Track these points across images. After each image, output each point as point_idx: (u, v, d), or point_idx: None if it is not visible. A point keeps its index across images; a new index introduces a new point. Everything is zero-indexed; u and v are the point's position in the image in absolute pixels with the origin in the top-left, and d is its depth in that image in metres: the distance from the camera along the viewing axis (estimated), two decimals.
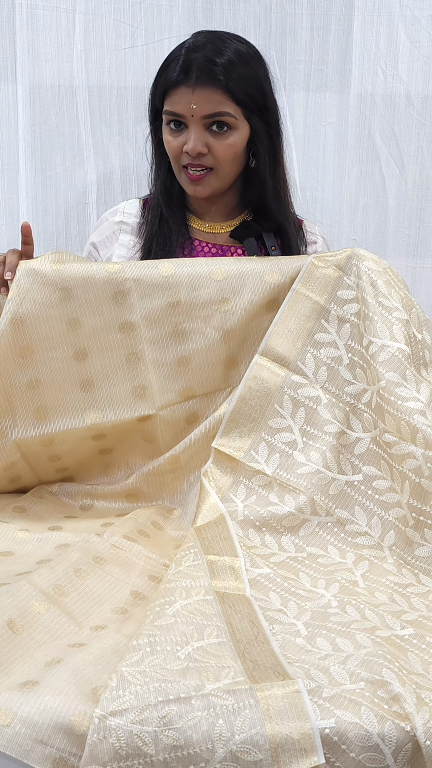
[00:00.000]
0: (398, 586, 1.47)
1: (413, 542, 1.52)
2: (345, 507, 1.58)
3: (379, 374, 1.57)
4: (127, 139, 2.12)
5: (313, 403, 1.63)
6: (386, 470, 1.57)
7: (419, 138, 2.18)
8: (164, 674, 1.14)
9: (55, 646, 1.25)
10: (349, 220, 2.23)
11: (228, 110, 1.69)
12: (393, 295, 1.63)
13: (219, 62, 1.68)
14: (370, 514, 1.57)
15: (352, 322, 1.64)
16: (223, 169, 1.74)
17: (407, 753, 1.09)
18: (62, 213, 2.14)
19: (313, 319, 1.66)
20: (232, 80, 1.68)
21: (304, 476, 1.59)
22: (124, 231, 1.83)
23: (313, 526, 1.57)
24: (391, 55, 2.13)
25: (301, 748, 1.06)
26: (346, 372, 1.64)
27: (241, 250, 1.82)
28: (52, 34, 2.05)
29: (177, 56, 1.71)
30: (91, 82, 2.08)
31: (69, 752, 1.08)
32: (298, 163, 2.17)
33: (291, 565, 1.51)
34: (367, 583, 1.47)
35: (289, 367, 1.65)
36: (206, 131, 1.71)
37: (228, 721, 1.07)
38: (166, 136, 1.74)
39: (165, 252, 1.79)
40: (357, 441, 1.61)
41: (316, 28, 2.11)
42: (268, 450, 1.62)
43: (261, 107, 1.75)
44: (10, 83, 2.07)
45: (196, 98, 1.68)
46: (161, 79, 1.73)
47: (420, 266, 2.27)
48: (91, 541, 1.52)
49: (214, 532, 1.53)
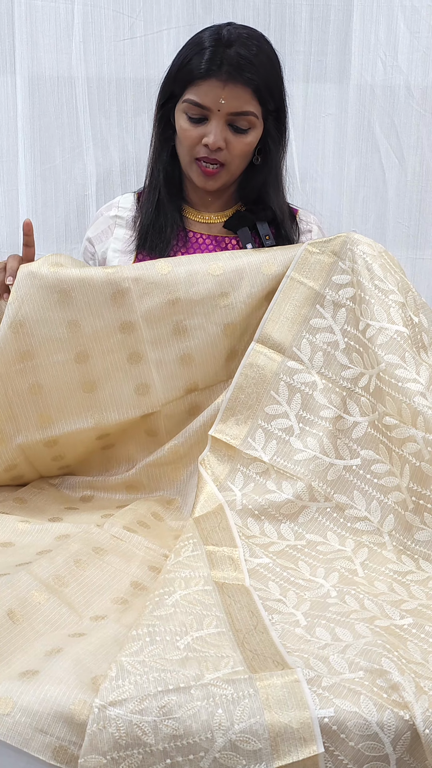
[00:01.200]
0: (398, 574, 1.47)
1: (413, 526, 1.52)
2: (344, 492, 1.58)
3: (379, 357, 1.57)
4: (126, 131, 2.12)
5: (309, 388, 1.64)
6: (385, 454, 1.57)
7: (419, 129, 2.18)
8: (164, 664, 1.14)
9: (55, 636, 1.25)
10: (349, 211, 2.23)
11: (253, 109, 1.70)
12: (389, 279, 1.63)
13: (251, 61, 1.67)
14: (369, 498, 1.57)
15: (348, 307, 1.64)
16: (235, 164, 1.75)
17: (406, 741, 1.09)
18: (62, 205, 2.14)
19: (309, 304, 1.66)
20: (260, 79, 1.69)
21: (301, 462, 1.59)
22: (119, 225, 1.83)
23: (312, 512, 1.57)
24: (390, 45, 2.13)
25: (300, 737, 1.07)
26: (342, 357, 1.64)
27: (235, 240, 1.82)
28: (51, 26, 2.04)
29: (205, 47, 1.68)
30: (90, 74, 2.08)
31: (69, 741, 1.08)
32: (298, 155, 2.17)
33: (290, 553, 1.51)
34: (366, 571, 1.48)
35: (284, 353, 1.65)
36: (227, 127, 1.70)
37: (227, 711, 1.07)
38: (184, 123, 1.73)
39: (160, 240, 1.78)
40: (354, 425, 1.61)
41: (316, 19, 2.11)
42: (264, 437, 1.62)
43: (277, 107, 1.76)
44: (9, 75, 2.07)
45: (225, 93, 1.67)
46: (186, 66, 1.70)
47: (420, 257, 2.27)
48: (91, 532, 1.53)
49: (213, 523, 1.53)
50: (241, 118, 1.70)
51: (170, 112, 1.76)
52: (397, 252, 2.23)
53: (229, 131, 1.71)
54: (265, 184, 1.81)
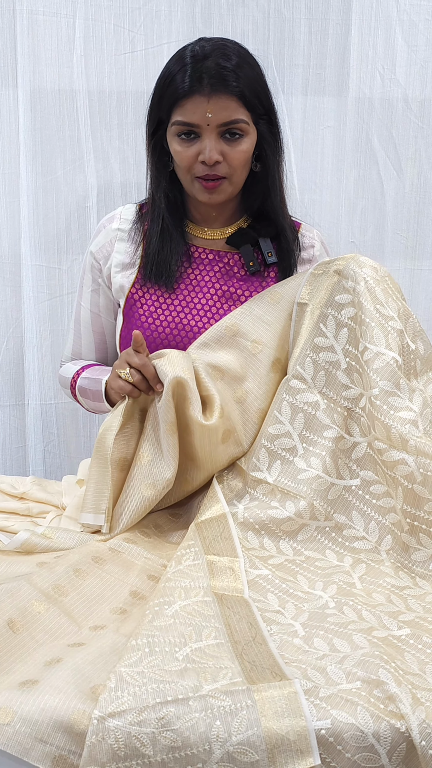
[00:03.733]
0: (395, 588, 1.48)
1: (409, 547, 1.53)
2: (343, 512, 1.59)
3: (372, 381, 1.56)
4: (127, 144, 2.12)
5: (312, 408, 1.64)
6: (382, 475, 1.57)
7: (417, 141, 2.19)
8: (162, 675, 1.15)
9: (55, 646, 1.26)
10: (347, 223, 2.23)
11: (242, 117, 1.68)
12: (390, 304, 1.63)
13: (231, 68, 1.65)
14: (367, 518, 1.57)
15: (350, 326, 1.64)
16: (236, 175, 1.73)
17: (401, 753, 1.10)
18: (63, 217, 2.14)
19: (313, 323, 1.67)
20: (244, 86, 1.66)
21: (304, 482, 1.59)
22: (120, 239, 1.82)
23: (311, 530, 1.58)
24: (388, 59, 2.13)
25: (297, 749, 1.07)
26: (343, 376, 1.64)
27: (237, 255, 1.81)
28: (52, 40, 2.05)
29: (183, 66, 1.66)
30: (91, 87, 2.09)
31: (68, 750, 1.09)
32: (297, 167, 2.17)
33: (289, 567, 1.52)
34: (364, 584, 1.48)
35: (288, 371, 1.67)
36: (220, 139, 1.70)
37: (225, 722, 1.08)
38: (177, 147, 1.70)
39: (166, 271, 1.78)
40: (354, 446, 1.61)
41: (314, 33, 2.11)
42: (269, 457, 1.63)
43: (267, 110, 1.74)
44: (11, 88, 2.07)
45: (211, 107, 1.64)
46: (168, 90, 1.68)
47: (418, 268, 2.27)
48: (89, 545, 1.54)
49: (215, 531, 1.54)
50: (232, 127, 1.67)
51: (162, 139, 1.74)
52: (396, 263, 2.24)
53: (223, 143, 1.69)
54: (267, 192, 1.80)
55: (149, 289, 1.78)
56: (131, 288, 1.79)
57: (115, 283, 1.81)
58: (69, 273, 2.17)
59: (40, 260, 2.16)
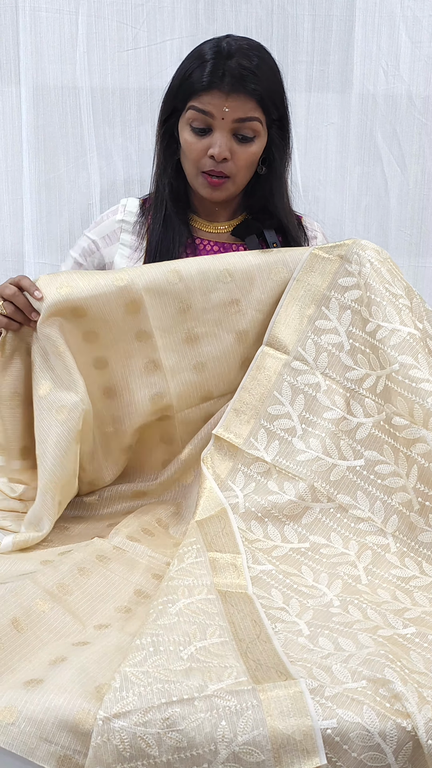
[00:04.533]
0: (401, 581, 1.47)
1: (417, 527, 1.53)
2: (347, 492, 1.58)
3: (391, 357, 1.57)
4: (130, 141, 2.12)
5: (312, 390, 1.64)
6: (390, 455, 1.57)
7: (421, 138, 2.18)
8: (167, 675, 1.15)
9: (59, 645, 1.26)
10: (351, 220, 2.23)
11: (258, 116, 1.70)
12: (396, 283, 1.65)
13: (253, 71, 1.68)
14: (372, 498, 1.57)
15: (354, 309, 1.65)
16: (240, 175, 1.74)
17: (408, 751, 1.10)
18: (66, 215, 2.14)
19: (314, 305, 1.67)
20: (263, 89, 1.69)
21: (303, 463, 1.59)
22: (125, 230, 1.83)
23: (315, 513, 1.57)
24: (392, 55, 2.13)
25: (303, 749, 1.07)
26: (347, 358, 1.64)
27: (243, 247, 1.82)
28: (55, 37, 2.05)
29: (206, 60, 1.69)
30: (94, 84, 2.08)
31: (73, 750, 1.09)
32: (301, 164, 2.17)
33: (294, 557, 1.52)
34: (369, 578, 1.48)
35: (290, 353, 1.66)
36: (231, 138, 1.71)
37: (231, 723, 1.08)
38: (188, 136, 1.73)
39: (168, 252, 1.78)
40: (358, 426, 1.61)
41: (318, 29, 2.11)
42: (267, 436, 1.62)
43: (281, 117, 1.76)
44: (14, 85, 2.07)
45: (229, 103, 1.67)
46: (187, 81, 1.70)
47: (422, 265, 2.27)
48: (93, 544, 1.53)
49: (216, 528, 1.54)
50: (246, 126, 1.69)
51: (173, 127, 1.76)
52: (400, 260, 2.23)
53: (234, 142, 1.71)
54: (270, 194, 1.81)
55: None
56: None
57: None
58: None
59: (43, 258, 2.16)
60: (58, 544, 1.59)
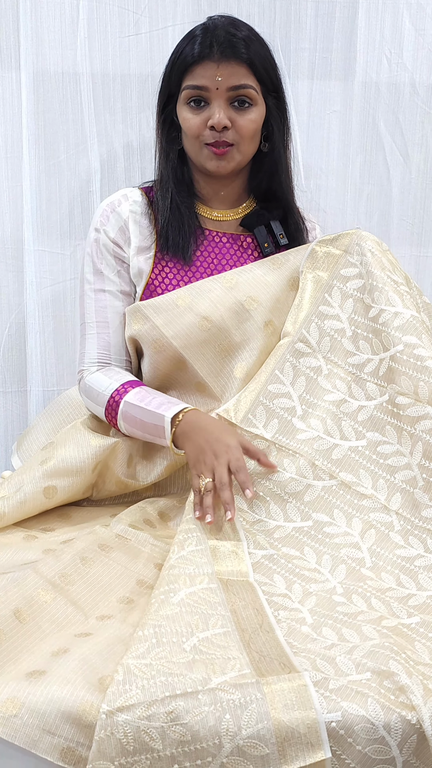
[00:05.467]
0: (405, 561, 1.47)
1: (420, 504, 1.52)
2: (349, 470, 1.58)
3: (395, 339, 1.60)
4: (131, 127, 2.11)
5: (314, 373, 1.65)
6: (392, 435, 1.58)
7: (424, 126, 2.17)
8: (170, 667, 1.14)
9: (62, 636, 1.26)
10: (353, 209, 2.22)
11: (251, 83, 1.70)
12: (397, 272, 1.69)
13: (241, 37, 1.69)
14: (375, 477, 1.57)
15: (356, 297, 1.68)
16: (244, 144, 1.74)
17: (412, 744, 1.10)
18: (66, 201, 2.13)
19: (318, 290, 1.70)
20: (253, 55, 1.69)
21: (304, 441, 1.59)
22: (135, 222, 1.81)
23: (317, 490, 1.56)
24: (395, 43, 2.12)
25: (307, 742, 1.07)
26: (349, 343, 1.66)
27: (251, 237, 1.82)
28: (55, 22, 2.03)
29: (194, 37, 1.70)
30: (95, 70, 2.07)
31: (76, 742, 1.09)
32: (303, 152, 2.16)
33: (296, 537, 1.51)
34: (374, 559, 1.47)
35: (294, 334, 1.68)
36: (229, 106, 1.71)
37: (235, 716, 1.08)
38: (186, 114, 1.72)
39: (180, 238, 1.77)
40: (360, 408, 1.62)
41: (321, 16, 2.10)
42: (266, 414, 1.62)
43: (276, 87, 1.77)
44: (14, 70, 2.05)
45: (221, 71, 1.67)
46: (178, 60, 1.71)
47: (424, 255, 2.26)
48: (96, 532, 1.53)
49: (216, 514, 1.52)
50: (241, 92, 1.70)
51: (172, 112, 1.76)
52: (401, 249, 2.22)
53: (231, 110, 1.71)
54: (275, 171, 1.82)
55: (168, 273, 1.77)
56: (150, 273, 1.77)
57: (134, 267, 1.79)
58: (72, 258, 2.16)
59: (43, 245, 2.14)
60: (60, 532, 1.59)
